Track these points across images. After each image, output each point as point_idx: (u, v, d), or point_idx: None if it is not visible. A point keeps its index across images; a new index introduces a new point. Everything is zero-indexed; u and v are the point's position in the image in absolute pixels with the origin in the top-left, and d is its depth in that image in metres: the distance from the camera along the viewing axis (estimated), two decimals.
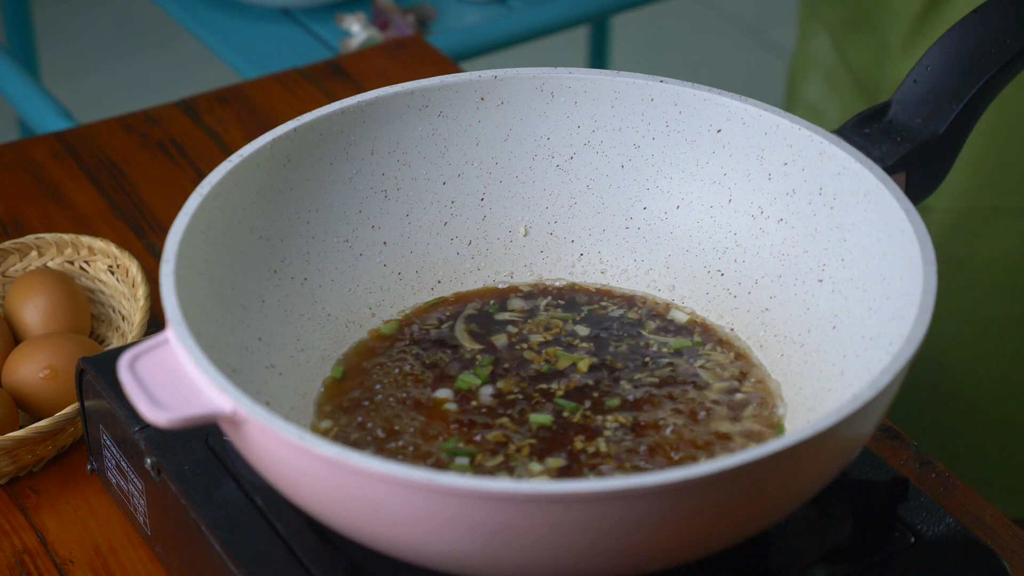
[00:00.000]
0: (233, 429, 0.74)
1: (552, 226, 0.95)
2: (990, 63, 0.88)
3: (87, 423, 0.94)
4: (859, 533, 0.83)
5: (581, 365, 0.88)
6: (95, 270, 1.09)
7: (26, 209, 1.21)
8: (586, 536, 0.69)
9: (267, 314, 0.87)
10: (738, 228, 0.92)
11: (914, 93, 0.89)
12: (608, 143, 0.93)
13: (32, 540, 0.94)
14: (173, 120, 1.30)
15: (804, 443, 0.70)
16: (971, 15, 0.89)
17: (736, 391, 0.86)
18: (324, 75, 1.36)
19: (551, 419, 0.84)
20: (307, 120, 0.89)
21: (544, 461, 0.81)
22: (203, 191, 0.83)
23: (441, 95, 0.92)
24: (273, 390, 0.84)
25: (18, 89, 1.80)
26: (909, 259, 0.80)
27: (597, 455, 0.82)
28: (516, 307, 0.92)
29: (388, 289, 0.92)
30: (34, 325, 1.04)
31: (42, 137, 1.29)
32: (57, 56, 2.97)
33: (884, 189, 0.83)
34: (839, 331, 0.85)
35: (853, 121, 0.89)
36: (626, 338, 0.90)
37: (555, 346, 0.89)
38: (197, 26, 1.90)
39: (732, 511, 0.72)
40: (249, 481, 0.84)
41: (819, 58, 1.45)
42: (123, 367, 0.74)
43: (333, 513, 0.74)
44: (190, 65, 2.95)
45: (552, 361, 0.88)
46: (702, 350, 0.89)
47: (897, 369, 0.73)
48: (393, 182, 0.93)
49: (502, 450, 0.82)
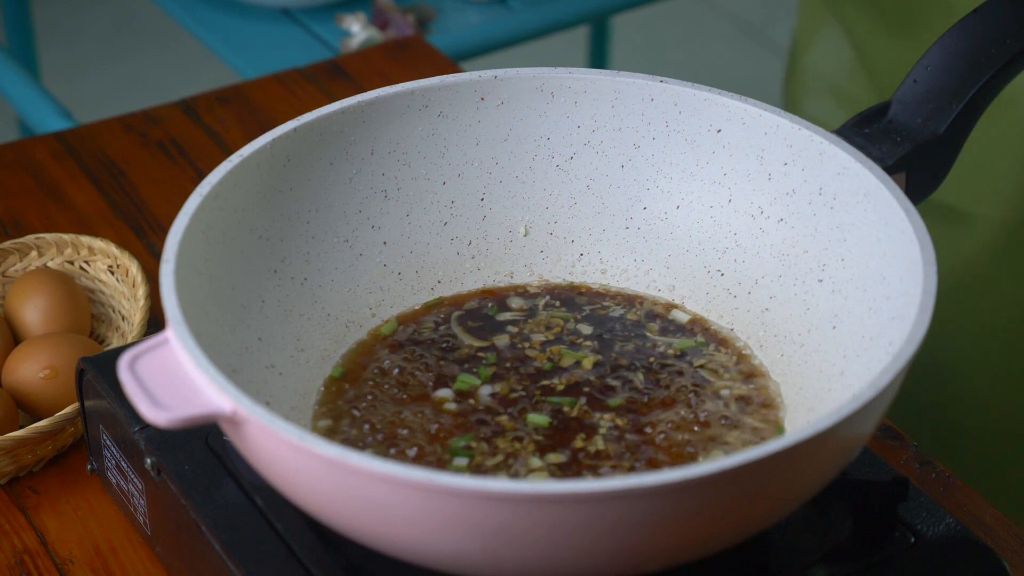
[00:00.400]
0: (233, 429, 0.74)
1: (552, 226, 0.95)
2: (990, 63, 0.88)
3: (87, 423, 0.94)
4: (859, 533, 0.83)
5: (585, 363, 0.88)
6: (95, 270, 1.09)
7: (26, 209, 1.21)
8: (586, 536, 0.69)
9: (267, 314, 0.87)
10: (738, 228, 0.92)
11: (914, 93, 0.89)
12: (608, 143, 0.93)
13: (32, 540, 0.94)
14: (173, 120, 1.30)
15: (804, 443, 0.70)
16: (971, 15, 0.89)
17: (736, 391, 0.86)
18: (324, 75, 1.36)
19: (548, 420, 0.84)
20: (307, 120, 0.89)
21: (544, 457, 0.81)
22: (203, 191, 0.83)
23: (441, 95, 0.92)
24: (273, 390, 0.84)
25: (18, 89, 1.80)
26: (909, 259, 0.80)
27: (597, 454, 0.82)
28: (516, 307, 0.92)
29: (388, 289, 0.92)
30: (34, 325, 1.04)
31: (42, 137, 1.29)
32: (57, 56, 2.97)
33: (884, 189, 0.83)
34: (839, 331, 0.85)
35: (853, 121, 0.89)
36: (627, 338, 0.90)
37: (557, 345, 0.89)
38: (197, 26, 1.90)
39: (732, 511, 0.72)
40: (249, 481, 0.84)
41: (825, 71, 1.39)
42: (123, 367, 0.74)
43: (333, 513, 0.74)
44: (190, 65, 2.95)
45: (555, 359, 0.88)
46: (706, 350, 0.89)
47: (897, 369, 0.73)
48: (393, 182, 0.93)
49: (502, 449, 0.82)
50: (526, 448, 0.82)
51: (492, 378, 0.87)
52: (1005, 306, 1.28)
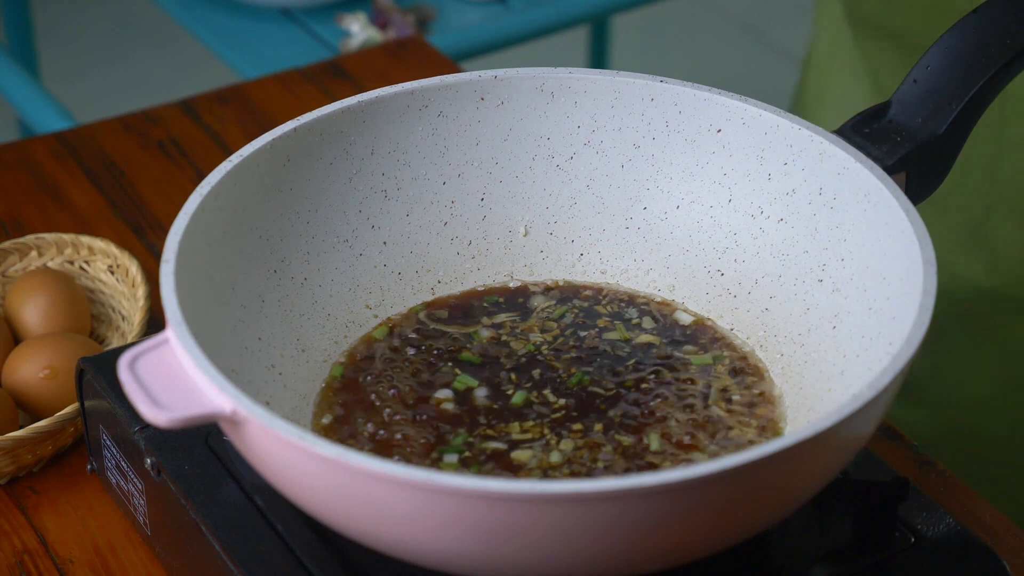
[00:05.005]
0: (233, 429, 0.74)
1: (552, 226, 0.95)
2: (990, 63, 0.88)
3: (87, 423, 0.94)
4: (859, 533, 0.83)
5: (584, 363, 0.88)
6: (95, 270, 1.09)
7: (26, 209, 1.21)
8: (586, 536, 0.69)
9: (267, 314, 0.87)
10: (738, 228, 0.92)
11: (914, 93, 0.89)
12: (608, 143, 0.93)
13: (32, 540, 0.94)
14: (173, 120, 1.30)
15: (804, 443, 0.70)
16: (971, 15, 0.89)
17: (736, 391, 0.86)
18: (324, 75, 1.36)
19: (547, 420, 0.84)
20: (307, 120, 0.89)
21: (544, 455, 0.81)
22: (203, 191, 0.83)
23: (441, 95, 0.92)
24: (273, 390, 0.84)
25: (18, 89, 1.80)
26: (909, 259, 0.80)
27: (596, 453, 0.82)
28: (516, 307, 0.92)
29: (388, 289, 0.92)
30: (34, 325, 1.04)
31: (42, 137, 1.29)
32: (57, 56, 2.97)
33: (884, 189, 0.84)
34: (839, 331, 0.85)
35: (853, 121, 0.89)
36: (626, 338, 0.90)
37: (555, 345, 0.89)
38: (197, 26, 1.90)
39: (732, 511, 0.72)
40: (249, 481, 0.84)
41: (838, 90, 1.32)
42: (123, 367, 0.74)
43: (333, 513, 0.74)
44: (190, 65, 2.95)
45: (552, 359, 0.88)
46: (706, 350, 0.89)
47: (897, 369, 0.73)
48: (393, 182, 0.93)
49: (501, 449, 0.82)
50: (526, 447, 0.82)
51: (490, 378, 0.87)
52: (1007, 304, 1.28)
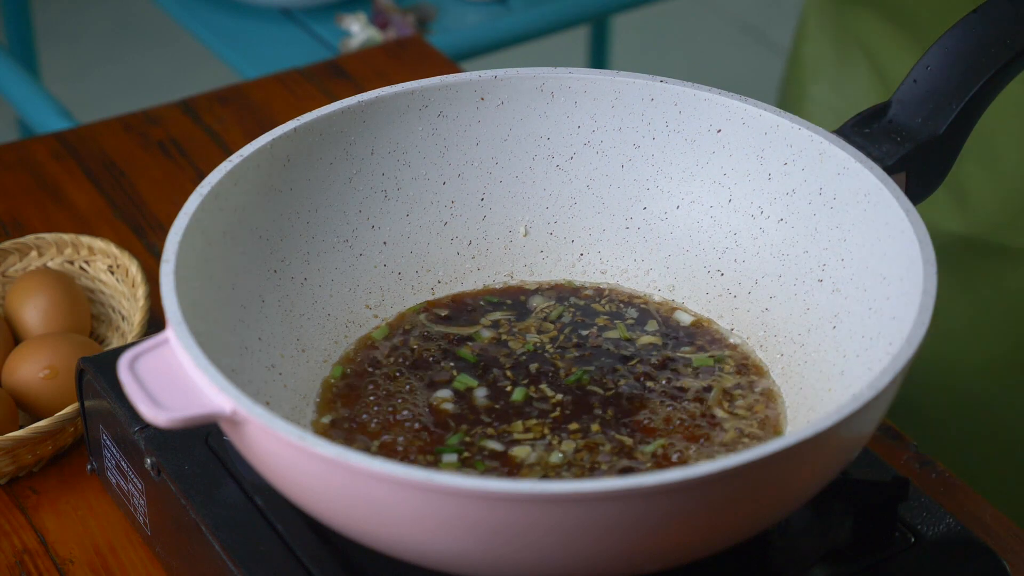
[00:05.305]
0: (233, 429, 0.74)
1: (552, 226, 0.95)
2: (990, 63, 0.88)
3: (87, 423, 0.94)
4: (859, 533, 0.83)
5: (584, 362, 0.88)
6: (95, 270, 1.09)
7: (26, 209, 1.21)
8: (586, 536, 0.69)
9: (267, 314, 0.87)
10: (738, 228, 0.92)
11: (914, 93, 0.89)
12: (608, 143, 0.93)
13: (32, 540, 0.94)
14: (173, 120, 1.30)
15: (804, 443, 0.70)
16: (971, 15, 0.89)
17: (736, 391, 0.86)
18: (324, 75, 1.36)
19: (547, 420, 0.84)
20: (307, 120, 0.89)
21: (545, 454, 0.81)
22: (203, 191, 0.83)
23: (441, 95, 0.92)
24: (273, 390, 0.84)
25: (18, 89, 1.80)
26: (909, 259, 0.80)
27: (596, 453, 0.82)
28: (516, 306, 0.92)
29: (388, 289, 0.92)
30: (34, 325, 1.04)
31: (42, 137, 1.29)
32: (57, 56, 2.97)
33: (884, 189, 0.84)
34: (839, 331, 0.85)
35: (853, 121, 0.89)
36: (627, 338, 0.90)
37: (555, 344, 0.89)
38: (197, 26, 1.90)
39: (732, 511, 0.72)
40: (249, 481, 0.84)
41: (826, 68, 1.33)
42: (123, 367, 0.74)
43: (333, 513, 0.74)
44: (190, 65, 2.95)
45: (552, 359, 0.88)
46: (706, 350, 0.89)
47: (897, 369, 0.73)
48: (393, 182, 0.93)
49: (501, 449, 0.82)
50: (525, 447, 0.82)
51: (489, 378, 0.87)
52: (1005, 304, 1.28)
